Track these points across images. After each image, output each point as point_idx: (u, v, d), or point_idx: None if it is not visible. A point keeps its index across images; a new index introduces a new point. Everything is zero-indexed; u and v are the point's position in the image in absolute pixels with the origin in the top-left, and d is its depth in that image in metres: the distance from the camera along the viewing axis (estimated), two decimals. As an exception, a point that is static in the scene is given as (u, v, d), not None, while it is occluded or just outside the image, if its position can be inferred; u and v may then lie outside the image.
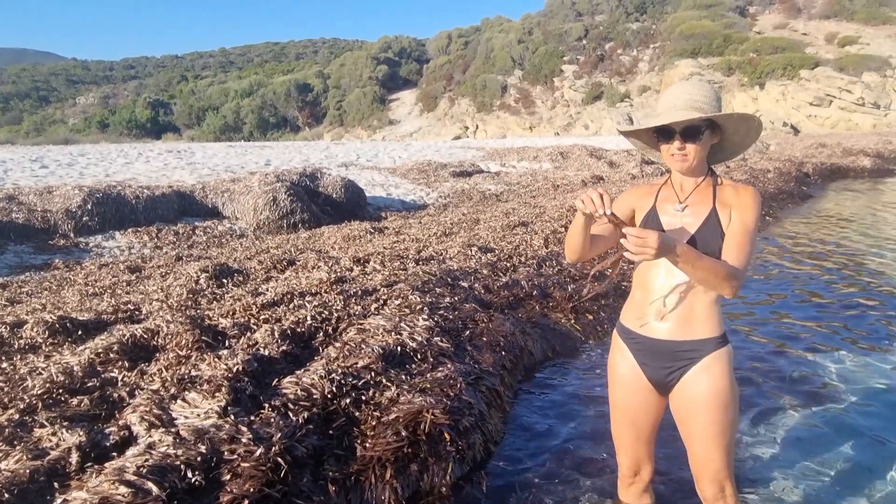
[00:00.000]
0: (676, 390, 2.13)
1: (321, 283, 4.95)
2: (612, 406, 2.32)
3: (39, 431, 2.74)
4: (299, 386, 3.13)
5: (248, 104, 60.23)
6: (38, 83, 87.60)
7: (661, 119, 1.99)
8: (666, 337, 2.10)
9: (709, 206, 2.04)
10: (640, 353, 2.18)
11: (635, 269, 2.22)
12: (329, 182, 11.10)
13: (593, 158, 18.56)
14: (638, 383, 2.20)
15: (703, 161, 2.07)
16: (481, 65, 56.39)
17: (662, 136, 2.03)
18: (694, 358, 2.07)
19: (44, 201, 8.66)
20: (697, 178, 2.10)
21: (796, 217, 11.08)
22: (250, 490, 2.41)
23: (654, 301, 2.11)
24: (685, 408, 2.11)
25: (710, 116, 1.96)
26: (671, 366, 2.11)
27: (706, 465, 2.11)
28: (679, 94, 2.00)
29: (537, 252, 6.35)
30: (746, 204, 2.02)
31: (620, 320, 2.27)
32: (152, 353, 3.69)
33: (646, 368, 2.17)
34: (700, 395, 2.06)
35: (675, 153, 2.02)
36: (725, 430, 2.07)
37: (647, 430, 2.28)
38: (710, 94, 2.00)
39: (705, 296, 2.06)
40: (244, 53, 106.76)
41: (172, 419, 2.84)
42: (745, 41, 46.23)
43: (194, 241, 8.66)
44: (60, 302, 5.24)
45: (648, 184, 2.25)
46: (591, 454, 3.20)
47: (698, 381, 2.06)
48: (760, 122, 2.07)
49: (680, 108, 1.97)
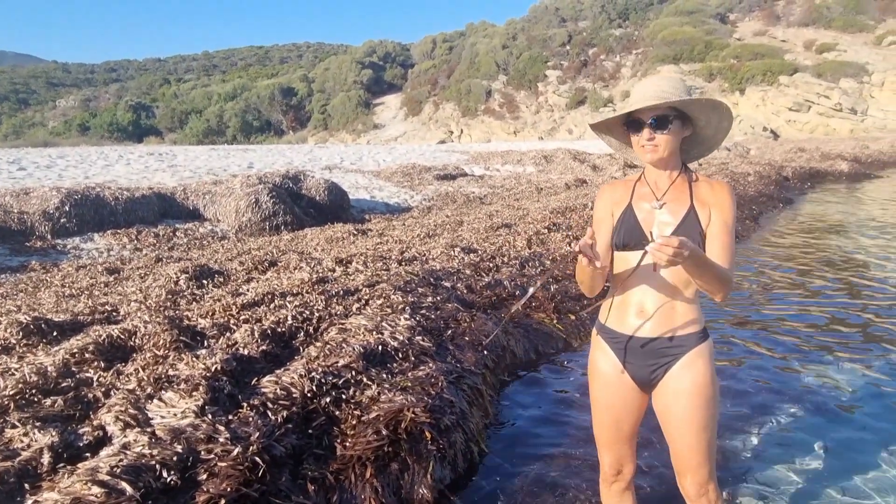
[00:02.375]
0: (660, 387, 2.12)
1: (303, 284, 4.91)
2: (594, 405, 2.30)
3: (10, 432, 2.68)
4: (279, 385, 3.10)
5: (231, 108, 59.85)
6: (17, 86, 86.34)
7: (627, 107, 1.98)
8: (648, 335, 2.08)
9: (686, 203, 2.03)
10: (622, 352, 2.15)
11: (612, 267, 2.18)
12: (312, 184, 11.04)
13: (576, 162, 18.66)
14: (620, 382, 2.18)
15: (674, 154, 2.05)
16: (466, 70, 56.56)
17: (633, 128, 2.02)
18: (677, 354, 2.06)
19: (20, 203, 8.51)
20: (672, 174, 2.08)
21: (776, 219, 11.22)
22: (227, 489, 2.37)
23: (634, 299, 2.11)
24: (669, 403, 2.10)
25: (673, 102, 1.95)
26: (655, 363, 2.09)
27: (689, 461, 2.10)
28: (648, 86, 2.00)
29: (520, 253, 6.35)
30: (724, 201, 2.02)
31: (600, 319, 2.25)
32: (129, 353, 3.63)
33: (629, 367, 2.15)
34: (684, 390, 2.05)
35: (645, 144, 1.99)
36: (708, 424, 2.07)
37: (628, 428, 2.26)
38: (679, 86, 1.99)
39: (685, 291, 2.05)
40: (228, 57, 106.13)
41: (148, 419, 2.79)
42: (725, 47, 46.87)
43: (175, 243, 8.56)
44: (36, 303, 5.15)
45: (623, 180, 2.22)
46: (575, 454, 3.20)
47: (682, 377, 2.06)
48: (730, 109, 2.04)
49: (649, 98, 1.95)
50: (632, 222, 2.07)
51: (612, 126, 2.18)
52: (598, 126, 2.19)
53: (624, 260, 2.09)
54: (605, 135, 2.23)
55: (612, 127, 2.18)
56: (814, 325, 5.21)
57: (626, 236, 2.07)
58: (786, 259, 7.89)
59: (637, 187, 2.13)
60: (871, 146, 26.86)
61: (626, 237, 2.06)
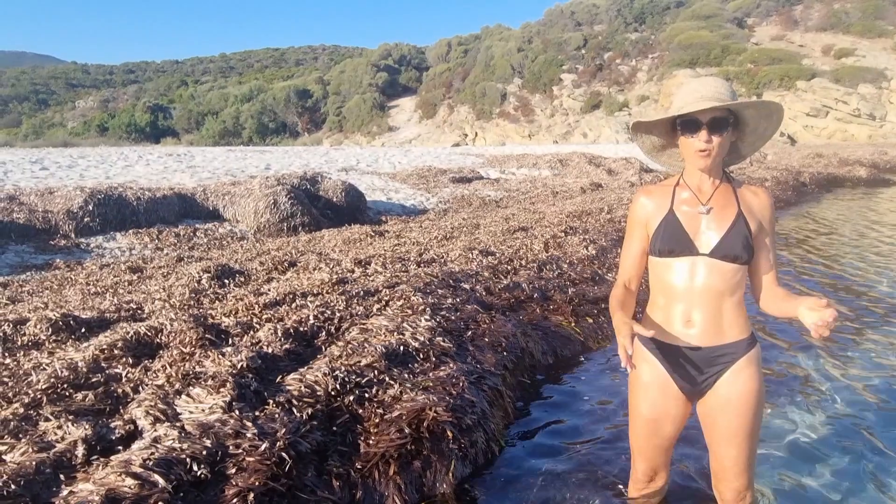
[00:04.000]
0: (709, 395, 2.07)
1: (323, 284, 4.97)
2: (635, 415, 2.23)
3: (45, 425, 2.76)
4: (303, 383, 3.15)
5: (247, 109, 60.33)
6: (37, 86, 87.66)
7: (691, 107, 1.89)
8: (696, 343, 2.03)
9: (734, 208, 1.99)
10: (668, 362, 2.09)
11: (655, 273, 2.12)
12: (329, 186, 11.13)
13: (592, 166, 18.63)
14: (666, 392, 2.12)
15: (722, 159, 2.00)
16: (481, 73, 56.61)
17: (686, 129, 1.93)
18: (728, 362, 2.02)
19: (45, 202, 8.67)
20: (715, 179, 2.03)
21: (794, 225, 11.14)
22: (255, 484, 2.43)
23: (679, 308, 2.04)
24: (717, 410, 2.05)
25: (738, 104, 1.89)
26: (706, 372, 2.05)
27: (731, 469, 2.07)
28: (703, 88, 1.93)
29: (537, 256, 6.38)
30: (770, 210, 2.03)
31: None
32: (156, 350, 3.70)
33: (676, 377, 2.09)
34: (734, 398, 2.01)
35: (700, 146, 1.91)
36: (755, 431, 2.05)
37: (669, 439, 2.22)
38: (730, 89, 1.95)
39: (731, 298, 2.00)
40: (244, 59, 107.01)
41: (177, 414, 2.86)
42: (742, 52, 46.55)
43: (195, 243, 8.67)
44: (62, 301, 5.25)
45: (660, 185, 2.14)
46: (596, 457, 3.21)
47: (733, 384, 2.02)
48: (782, 110, 1.98)
49: (707, 98, 1.88)
50: (675, 227, 2.01)
51: (657, 127, 2.10)
52: (641, 126, 2.12)
53: (666, 266, 2.05)
54: (643, 136, 2.15)
55: (653, 128, 2.11)
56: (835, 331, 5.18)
57: (669, 243, 2.02)
58: (803, 264, 7.84)
59: (677, 192, 2.07)
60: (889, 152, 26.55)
61: (671, 244, 2.01)
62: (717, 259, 1.98)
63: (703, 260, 1.99)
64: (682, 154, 2.03)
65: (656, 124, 2.08)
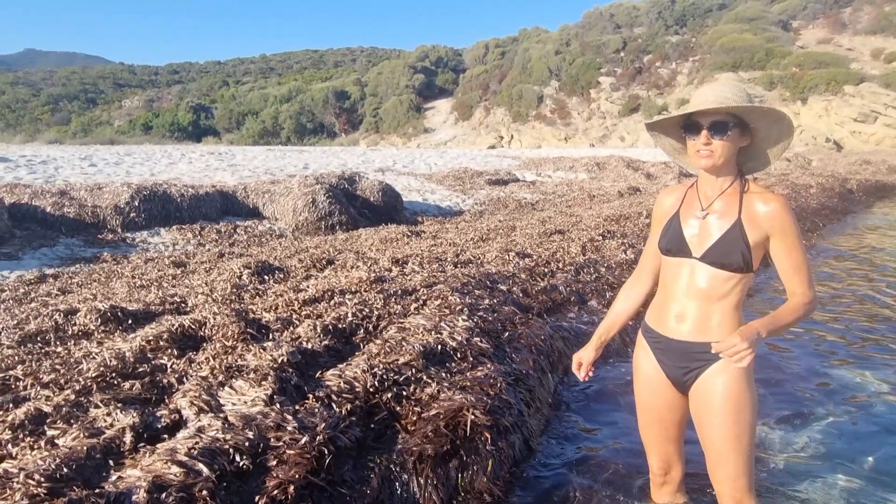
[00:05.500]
0: (693, 391, 2.14)
1: (360, 282, 5.01)
2: (638, 404, 2.37)
3: (94, 412, 2.84)
4: (342, 379, 3.18)
5: (286, 110, 61.22)
6: (86, 86, 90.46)
7: (689, 108, 1.98)
8: (683, 338, 2.13)
9: (733, 216, 2.01)
10: (659, 352, 2.22)
11: (661, 269, 2.25)
12: (367, 186, 11.23)
13: (630, 170, 18.40)
14: (659, 381, 2.24)
15: (729, 163, 2.02)
16: (518, 75, 56.41)
17: (690, 131, 2.01)
18: (710, 359, 2.07)
19: (94, 197, 8.95)
20: (723, 184, 2.05)
21: (840, 233, 10.83)
22: (295, 477, 2.46)
23: (675, 303, 2.15)
24: (701, 409, 2.12)
25: (733, 108, 1.93)
26: (687, 366, 2.13)
27: (722, 470, 2.07)
28: (709, 91, 1.99)
29: (574, 259, 6.33)
30: (781, 218, 1.97)
31: (645, 319, 2.31)
32: (199, 342, 3.79)
33: (664, 367, 2.21)
34: (716, 396, 2.06)
35: (701, 148, 1.98)
36: (741, 433, 2.04)
37: (673, 427, 2.29)
38: (741, 93, 1.97)
39: (723, 301, 2.06)
40: (284, 60, 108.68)
41: (220, 405, 2.92)
42: (787, 55, 45.37)
43: (235, 240, 8.85)
44: (110, 293, 5.42)
45: (679, 186, 2.25)
46: (631, 458, 3.18)
47: (714, 382, 2.06)
48: (791, 121, 2.00)
49: (710, 102, 1.94)
50: (676, 230, 2.12)
51: (669, 129, 2.18)
52: (654, 127, 2.19)
53: (668, 264, 2.17)
54: (660, 137, 2.22)
55: (668, 129, 2.19)
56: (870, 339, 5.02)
57: (669, 243, 2.14)
58: (847, 271, 7.61)
59: (688, 194, 2.16)
60: (943, 160, 25.55)
61: (670, 244, 2.14)
62: (707, 264, 2.05)
63: (696, 264, 2.08)
64: (690, 156, 2.10)
65: (665, 125, 2.16)
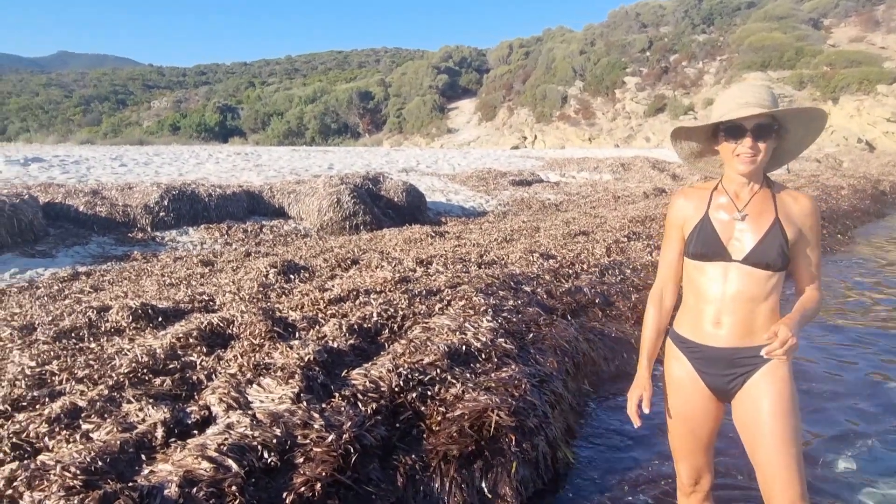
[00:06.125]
0: (739, 397, 2.06)
1: (385, 282, 5.05)
2: (670, 415, 2.27)
3: (127, 407, 2.91)
4: (367, 378, 3.21)
5: (311, 110, 61.76)
6: (116, 87, 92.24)
7: (736, 113, 1.90)
8: (724, 344, 2.04)
9: (771, 215, 1.98)
10: (697, 361, 2.12)
11: (688, 274, 2.15)
12: (391, 186, 11.29)
13: (655, 171, 18.22)
14: (696, 391, 2.14)
15: (764, 165, 2.00)
16: (542, 75, 56.16)
17: (730, 135, 1.94)
18: (757, 363, 2.00)
19: (124, 197, 9.13)
20: (754, 185, 2.02)
21: (872, 235, 10.59)
22: (322, 474, 2.49)
23: (709, 308, 2.05)
24: (749, 415, 2.03)
25: (782, 111, 1.89)
26: (732, 373, 2.05)
27: (776, 478, 1.98)
28: (744, 94, 1.94)
29: (599, 260, 6.29)
30: (813, 216, 2.00)
31: (674, 328, 2.22)
32: (227, 340, 3.85)
33: (705, 376, 2.11)
34: (765, 401, 1.99)
35: (744, 153, 1.92)
36: (793, 436, 1.98)
37: (706, 438, 2.22)
38: (773, 95, 1.95)
39: (764, 303, 2.00)
40: (309, 61, 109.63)
41: (248, 402, 2.96)
42: (818, 54, 44.47)
43: (261, 239, 8.96)
44: (140, 290, 5.52)
45: (697, 187, 2.15)
46: (658, 464, 3.15)
47: (761, 387, 2.00)
48: (825, 117, 1.98)
49: (752, 105, 1.89)
50: (709, 232, 2.03)
51: (696, 133, 2.13)
52: (681, 132, 2.14)
53: (699, 268, 2.08)
54: (682, 141, 2.17)
55: (694, 134, 2.13)
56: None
57: (703, 247, 2.04)
58: (876, 274, 7.45)
59: (714, 196, 2.08)
60: (980, 161, 24.84)
61: (704, 248, 2.04)
62: (749, 266, 1.98)
63: (735, 266, 2.00)
64: (723, 159, 2.05)
65: (698, 130, 2.10)
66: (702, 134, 2.11)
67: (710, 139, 2.10)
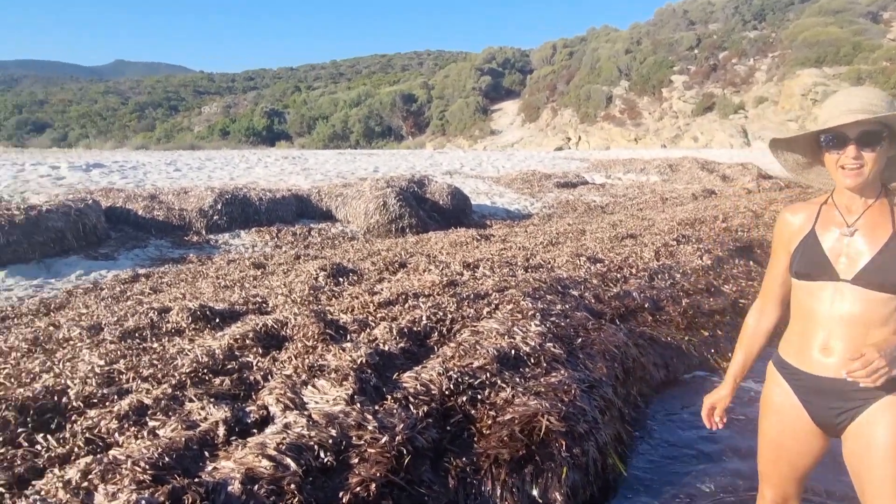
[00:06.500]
0: (850, 432, 1.85)
1: (433, 286, 5.10)
2: (763, 438, 2.08)
3: (189, 405, 3.03)
4: (418, 381, 3.26)
5: (355, 114, 62.60)
6: (169, 93, 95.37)
7: (836, 121, 1.73)
8: (833, 374, 1.82)
9: (888, 229, 1.77)
10: (802, 391, 1.93)
11: (794, 295, 1.97)
12: (436, 189, 11.38)
13: (704, 172, 17.83)
14: (799, 422, 1.95)
15: (877, 177, 1.79)
16: (586, 75, 55.58)
17: (832, 145, 1.77)
18: (870, 397, 1.79)
19: (180, 201, 9.47)
20: (868, 198, 1.81)
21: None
22: (376, 475, 2.55)
23: (818, 334, 1.86)
24: (861, 455, 1.82)
25: (888, 116, 1.69)
26: (841, 406, 1.84)
27: None
28: (850, 99, 1.77)
29: (648, 264, 6.21)
30: None
31: (779, 352, 2.03)
32: (281, 342, 3.96)
33: (810, 407, 1.91)
34: (880, 441, 1.77)
35: (848, 164, 1.74)
36: None
37: (801, 469, 2.02)
38: (887, 99, 1.75)
39: (882, 329, 1.76)
40: (353, 65, 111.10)
41: (304, 403, 3.05)
42: (877, 49, 42.72)
43: (310, 242, 9.16)
44: (197, 292, 5.72)
45: (806, 203, 1.97)
46: (723, 481, 3.09)
47: (877, 424, 1.78)
48: None
49: (855, 111, 1.71)
50: (815, 250, 1.86)
51: (798, 144, 1.95)
52: (780, 143, 1.98)
53: (805, 290, 1.89)
54: (784, 152, 2.00)
55: (795, 145, 1.96)
56: None
57: (807, 266, 1.87)
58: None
59: (823, 211, 1.90)
60: None
61: (808, 267, 1.87)
62: (860, 286, 1.78)
63: (845, 286, 1.80)
64: (829, 172, 1.86)
65: (797, 140, 1.93)
66: (805, 144, 1.93)
67: (816, 150, 1.91)
